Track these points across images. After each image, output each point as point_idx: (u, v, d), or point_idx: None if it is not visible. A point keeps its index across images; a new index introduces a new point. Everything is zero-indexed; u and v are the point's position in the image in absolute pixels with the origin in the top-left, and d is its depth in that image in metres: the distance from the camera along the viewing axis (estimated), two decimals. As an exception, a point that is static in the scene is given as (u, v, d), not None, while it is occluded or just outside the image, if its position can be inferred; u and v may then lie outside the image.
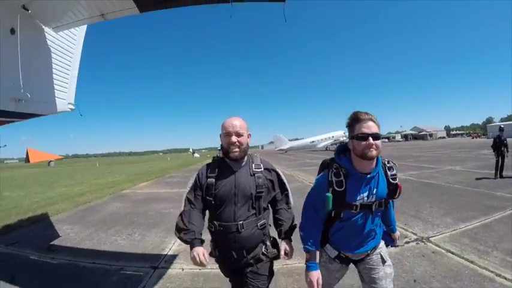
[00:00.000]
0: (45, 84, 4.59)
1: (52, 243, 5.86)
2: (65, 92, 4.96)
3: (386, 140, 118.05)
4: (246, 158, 2.33)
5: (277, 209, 2.42)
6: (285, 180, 2.45)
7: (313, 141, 61.15)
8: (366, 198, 2.03)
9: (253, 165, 2.32)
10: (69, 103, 5.08)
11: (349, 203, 2.01)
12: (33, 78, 4.12)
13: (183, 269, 4.34)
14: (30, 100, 4.01)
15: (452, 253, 4.43)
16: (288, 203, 2.46)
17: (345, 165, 2.05)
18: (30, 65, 4.04)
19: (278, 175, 2.43)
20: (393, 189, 2.08)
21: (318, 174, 2.21)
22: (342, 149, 2.18)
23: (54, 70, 4.69)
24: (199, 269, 4.13)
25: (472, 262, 4.11)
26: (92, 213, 8.74)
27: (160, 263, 4.65)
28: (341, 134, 57.22)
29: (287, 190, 2.45)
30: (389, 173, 2.11)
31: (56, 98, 4.77)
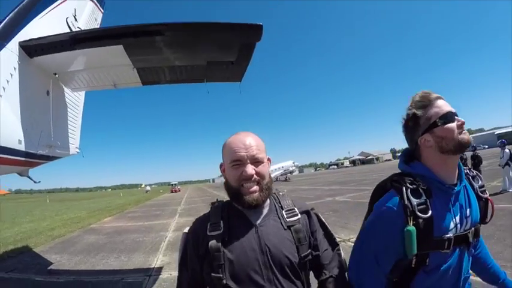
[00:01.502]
0: (64, 133, 5.89)
1: (49, 268, 6.91)
2: (74, 138, 6.32)
3: (335, 166, 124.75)
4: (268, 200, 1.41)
5: (327, 280, 1.37)
6: (330, 228, 1.51)
7: (263, 172, 63.22)
8: (459, 225, 1.29)
9: (284, 211, 1.39)
10: (76, 147, 6.43)
11: (439, 238, 1.24)
12: (58, 128, 5.43)
13: (171, 274, 5.77)
14: (56, 146, 5.35)
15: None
16: (342, 267, 1.42)
17: (424, 173, 1.32)
18: (56, 118, 5.38)
19: (320, 220, 1.49)
20: (484, 208, 1.41)
21: (374, 201, 1.39)
22: (409, 155, 1.44)
23: (69, 121, 6.04)
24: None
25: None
26: (72, 244, 9.71)
27: (152, 272, 6.03)
28: (290, 164, 60.36)
29: (338, 245, 1.48)
30: (475, 184, 1.43)
31: (70, 144, 6.09)
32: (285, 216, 1.36)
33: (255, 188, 1.29)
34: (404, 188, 1.25)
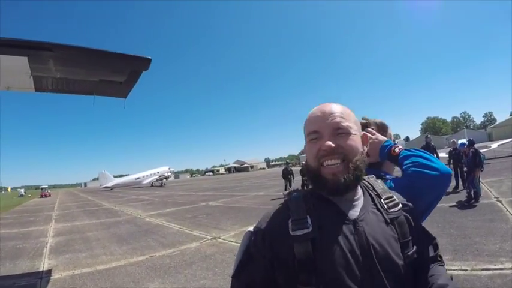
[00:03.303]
0: None
1: None
2: None
3: (211, 173, 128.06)
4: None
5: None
6: None
7: (138, 178, 61.25)
8: None
9: (382, 199, 1.07)
10: None
11: None
12: None
13: (61, 275, 6.29)
14: None
15: (231, 241, 7.97)
16: (443, 265, 1.13)
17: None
18: None
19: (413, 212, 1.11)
20: None
21: None
22: None
23: None
24: (74, 272, 6.25)
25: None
26: None
27: (42, 275, 6.37)
28: (166, 169, 60.17)
29: (435, 239, 1.16)
30: None
31: None
32: (386, 206, 1.04)
33: (339, 165, 0.98)
34: None
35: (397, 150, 1.36)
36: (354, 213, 1.00)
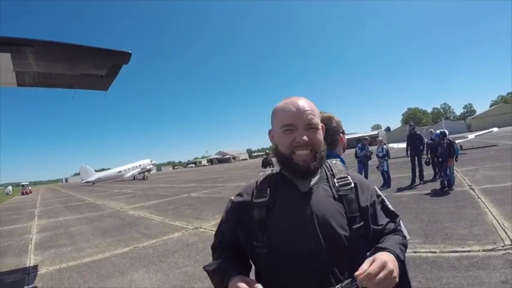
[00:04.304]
0: None
1: None
2: None
3: (193, 165, 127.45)
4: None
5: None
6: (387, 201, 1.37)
7: (120, 172, 60.65)
8: None
9: (336, 178, 1.28)
10: None
11: None
12: None
13: (48, 269, 6.55)
14: None
15: (212, 230, 8.31)
16: (399, 234, 1.28)
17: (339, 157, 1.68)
18: None
19: (376, 193, 1.34)
20: None
21: None
22: None
23: None
24: (60, 266, 6.52)
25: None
26: None
27: (29, 270, 6.62)
28: (148, 162, 59.98)
29: (397, 216, 1.33)
30: None
31: None
32: (337, 184, 1.23)
33: (309, 155, 1.18)
34: None
35: None
36: (305, 188, 1.22)
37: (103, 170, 75.97)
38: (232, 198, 1.38)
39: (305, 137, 1.18)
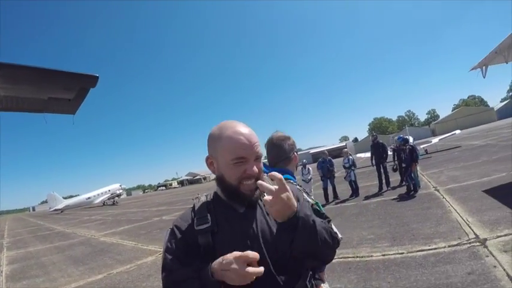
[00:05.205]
0: None
1: None
2: None
3: (164, 187, 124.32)
4: None
5: None
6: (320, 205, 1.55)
7: (89, 198, 58.19)
8: None
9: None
10: None
11: None
12: None
13: None
14: None
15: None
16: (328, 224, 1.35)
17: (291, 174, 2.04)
18: None
19: (306, 199, 1.44)
20: None
21: None
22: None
23: None
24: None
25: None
26: None
27: None
28: (117, 187, 58.16)
29: (329, 218, 1.42)
30: None
31: None
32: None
33: (254, 185, 1.19)
34: None
35: None
36: (241, 208, 1.25)
37: (71, 196, 72.38)
38: (172, 227, 1.32)
39: (255, 168, 1.21)
